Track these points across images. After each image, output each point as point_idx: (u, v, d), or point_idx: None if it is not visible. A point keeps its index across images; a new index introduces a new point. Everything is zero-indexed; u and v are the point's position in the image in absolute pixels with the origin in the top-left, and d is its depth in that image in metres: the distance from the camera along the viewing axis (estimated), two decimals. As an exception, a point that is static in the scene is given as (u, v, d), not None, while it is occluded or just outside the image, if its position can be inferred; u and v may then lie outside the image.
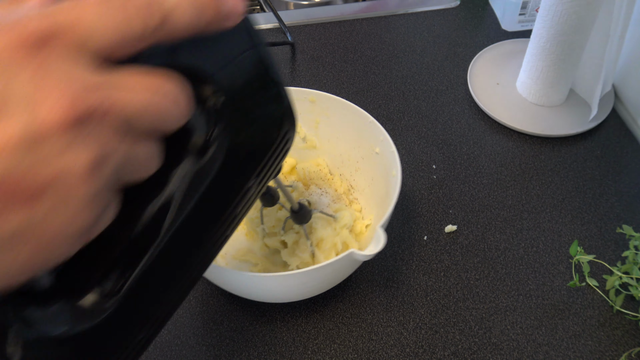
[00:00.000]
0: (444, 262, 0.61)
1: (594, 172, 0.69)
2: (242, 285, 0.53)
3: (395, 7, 0.93)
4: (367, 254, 0.47)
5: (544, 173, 0.69)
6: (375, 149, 0.60)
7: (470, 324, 0.57)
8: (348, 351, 0.55)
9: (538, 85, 0.74)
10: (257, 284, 0.51)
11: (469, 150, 0.72)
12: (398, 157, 0.55)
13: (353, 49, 0.86)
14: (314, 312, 0.58)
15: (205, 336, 0.56)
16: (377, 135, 0.58)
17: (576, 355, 0.55)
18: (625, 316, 0.57)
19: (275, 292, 0.53)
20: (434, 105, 0.78)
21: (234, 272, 0.49)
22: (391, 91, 0.79)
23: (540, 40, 0.70)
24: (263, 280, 0.49)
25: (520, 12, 0.86)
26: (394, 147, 0.56)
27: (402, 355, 0.55)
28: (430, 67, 0.83)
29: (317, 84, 0.80)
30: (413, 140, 0.73)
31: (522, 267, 0.61)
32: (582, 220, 0.65)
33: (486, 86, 0.79)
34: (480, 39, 0.86)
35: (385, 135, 0.57)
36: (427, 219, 0.65)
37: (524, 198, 0.67)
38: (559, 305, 0.58)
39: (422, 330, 0.56)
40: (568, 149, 0.72)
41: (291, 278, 0.49)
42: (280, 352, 0.55)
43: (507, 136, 0.74)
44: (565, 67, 0.71)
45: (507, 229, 0.64)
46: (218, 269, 0.49)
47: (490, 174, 0.70)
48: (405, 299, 0.59)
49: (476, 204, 0.66)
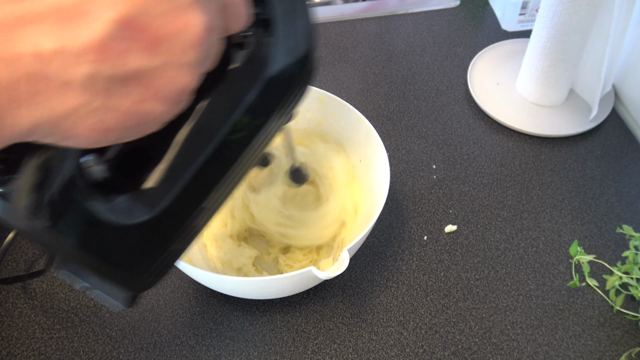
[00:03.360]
0: (444, 262, 0.61)
1: (594, 172, 0.69)
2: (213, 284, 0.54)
3: (395, 7, 0.93)
4: (327, 275, 0.48)
5: (544, 173, 0.69)
6: (372, 162, 0.60)
7: (470, 324, 0.57)
8: (348, 351, 0.55)
9: (538, 85, 0.74)
10: (220, 283, 0.52)
11: (469, 150, 0.72)
12: (388, 179, 0.55)
13: (353, 49, 0.86)
14: (314, 312, 0.58)
15: (205, 336, 0.56)
16: (376, 149, 0.58)
17: (576, 355, 0.55)
18: (625, 316, 0.57)
19: (237, 291, 0.55)
20: (434, 105, 0.78)
21: (200, 271, 0.49)
22: (391, 91, 0.79)
23: (540, 40, 0.70)
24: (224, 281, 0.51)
25: (520, 12, 0.86)
26: (388, 168, 0.56)
27: (402, 355, 0.55)
28: (430, 67, 0.83)
29: (316, 84, 0.80)
30: (413, 140, 0.73)
31: (522, 267, 0.61)
32: (582, 220, 0.65)
33: (486, 86, 0.79)
34: (480, 39, 0.86)
35: (383, 152, 0.57)
36: (427, 219, 0.65)
37: (524, 198, 0.67)
38: (559, 305, 0.58)
39: (422, 330, 0.56)
40: (568, 149, 0.72)
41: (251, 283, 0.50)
42: (280, 352, 0.55)
43: (507, 136, 0.74)
44: (565, 67, 0.71)
45: (507, 229, 0.64)
46: (189, 268, 0.50)
47: (490, 174, 0.70)
48: (405, 299, 0.59)
49: (476, 204, 0.66)
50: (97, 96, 0.23)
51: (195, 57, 0.25)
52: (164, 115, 0.26)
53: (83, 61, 0.22)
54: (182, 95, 0.26)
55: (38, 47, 0.21)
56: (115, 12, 0.22)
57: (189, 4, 0.24)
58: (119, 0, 0.22)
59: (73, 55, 0.22)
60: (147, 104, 0.24)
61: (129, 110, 0.24)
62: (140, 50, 0.23)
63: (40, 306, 0.58)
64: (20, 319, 0.57)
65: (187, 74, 0.25)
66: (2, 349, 0.55)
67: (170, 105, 0.25)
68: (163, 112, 0.25)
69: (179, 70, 0.24)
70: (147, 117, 0.25)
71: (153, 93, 0.24)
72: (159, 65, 0.24)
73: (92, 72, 0.22)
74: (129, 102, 0.24)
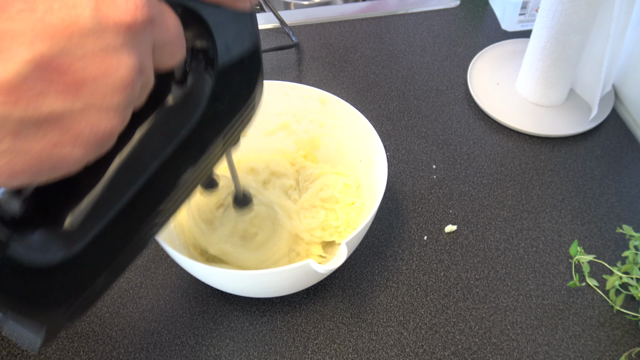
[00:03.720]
0: (444, 262, 0.61)
1: (594, 172, 0.69)
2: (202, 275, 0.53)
3: (395, 7, 0.93)
4: (324, 268, 0.47)
5: (544, 173, 0.69)
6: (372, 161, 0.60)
7: (470, 324, 0.57)
8: (348, 351, 0.55)
9: (538, 85, 0.74)
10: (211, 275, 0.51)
11: (469, 150, 0.72)
12: (386, 175, 0.55)
13: (353, 49, 0.86)
14: (314, 312, 0.58)
15: (205, 336, 0.56)
16: (376, 149, 0.58)
17: (576, 355, 0.55)
18: (625, 316, 0.57)
19: (229, 287, 0.54)
20: (434, 105, 0.78)
21: (190, 261, 0.49)
22: (391, 91, 0.79)
23: (540, 40, 0.70)
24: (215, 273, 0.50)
25: (520, 12, 0.86)
26: (385, 164, 0.56)
27: (402, 355, 0.55)
28: (430, 67, 0.83)
29: (316, 84, 0.80)
30: (413, 140, 0.73)
31: (522, 267, 0.61)
32: (582, 220, 0.65)
33: (486, 86, 0.79)
34: (480, 39, 0.86)
35: (381, 150, 0.57)
36: (427, 219, 0.65)
37: (524, 198, 0.67)
38: (559, 305, 0.58)
39: (422, 330, 0.56)
40: (568, 149, 0.72)
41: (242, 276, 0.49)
42: (280, 352, 0.55)
43: (507, 136, 0.74)
44: (565, 67, 0.71)
45: (507, 229, 0.64)
46: (179, 257, 0.49)
47: (490, 174, 0.70)
48: (405, 299, 0.59)
49: (476, 204, 0.66)
50: (4, 139, 0.21)
51: (121, 101, 0.23)
52: (81, 160, 0.24)
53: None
54: (104, 140, 0.24)
55: None
56: (31, 51, 0.20)
57: (118, 45, 0.22)
58: (38, 38, 0.20)
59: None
60: (62, 149, 0.23)
61: (40, 155, 0.22)
62: (58, 92, 0.21)
63: (40, 306, 0.58)
64: (20, 319, 0.57)
65: (111, 118, 0.23)
66: (2, 349, 0.55)
67: (89, 149, 0.24)
68: (80, 157, 0.23)
69: (102, 114, 0.23)
70: (62, 162, 0.23)
71: (70, 137, 0.22)
72: (79, 109, 0.22)
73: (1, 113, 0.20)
74: (41, 146, 0.22)
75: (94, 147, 0.24)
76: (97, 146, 0.24)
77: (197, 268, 0.50)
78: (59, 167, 0.23)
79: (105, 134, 0.23)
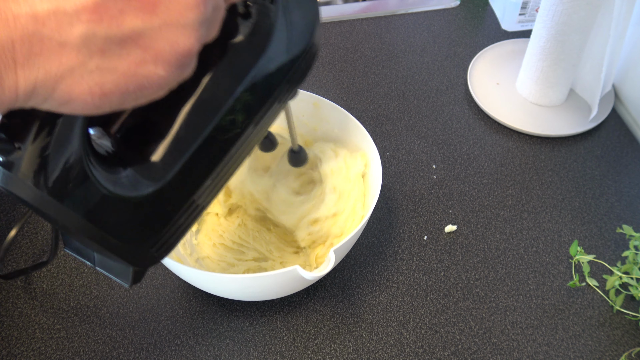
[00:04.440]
0: (444, 262, 0.61)
1: (594, 172, 0.69)
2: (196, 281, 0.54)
3: (395, 7, 0.93)
4: (311, 274, 0.47)
5: (544, 173, 0.69)
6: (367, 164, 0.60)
7: (470, 324, 0.57)
8: (348, 351, 0.55)
9: (538, 85, 0.74)
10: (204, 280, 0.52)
11: (469, 150, 0.72)
12: (380, 183, 0.55)
13: (353, 49, 0.86)
14: (314, 312, 0.58)
15: (205, 336, 0.56)
16: (370, 152, 0.58)
17: (576, 355, 0.55)
18: (625, 316, 0.57)
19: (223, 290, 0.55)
20: (434, 105, 0.78)
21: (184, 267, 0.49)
22: (391, 91, 0.79)
23: (540, 40, 0.70)
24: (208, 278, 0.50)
25: (520, 12, 0.86)
26: (380, 173, 0.56)
27: (402, 355, 0.55)
28: (430, 67, 0.83)
29: (316, 84, 0.80)
30: (413, 140, 0.73)
31: (522, 267, 0.61)
32: (582, 220, 0.65)
33: (486, 86, 0.79)
34: (480, 39, 0.86)
35: (376, 156, 0.57)
36: (427, 219, 0.65)
37: (524, 198, 0.67)
38: (559, 305, 0.58)
39: (422, 330, 0.56)
40: (568, 149, 0.72)
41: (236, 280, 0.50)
42: (280, 352, 0.55)
43: (507, 136, 0.74)
44: (565, 67, 0.71)
45: (507, 229, 0.64)
46: (175, 265, 0.49)
47: (490, 174, 0.70)
48: (405, 299, 0.59)
49: (476, 204, 0.66)
50: (93, 57, 0.22)
51: (195, 18, 0.24)
52: (165, 80, 0.25)
53: (77, 21, 0.22)
54: (184, 59, 0.25)
55: (33, 8, 0.21)
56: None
57: None
58: None
59: (68, 15, 0.21)
60: (146, 67, 0.24)
61: (127, 73, 0.23)
62: (137, 10, 0.22)
63: (41, 306, 0.58)
64: (20, 319, 0.57)
65: (187, 36, 0.24)
66: (2, 349, 0.55)
67: (171, 69, 0.25)
68: (164, 76, 0.25)
69: (178, 31, 0.24)
70: (148, 81, 0.24)
71: (152, 55, 0.24)
72: (157, 27, 0.23)
73: (87, 32, 0.22)
74: (127, 64, 0.23)
75: (175, 67, 0.25)
76: (178, 66, 0.25)
77: (184, 271, 0.50)
78: (146, 86, 0.24)
79: (184, 52, 0.24)
